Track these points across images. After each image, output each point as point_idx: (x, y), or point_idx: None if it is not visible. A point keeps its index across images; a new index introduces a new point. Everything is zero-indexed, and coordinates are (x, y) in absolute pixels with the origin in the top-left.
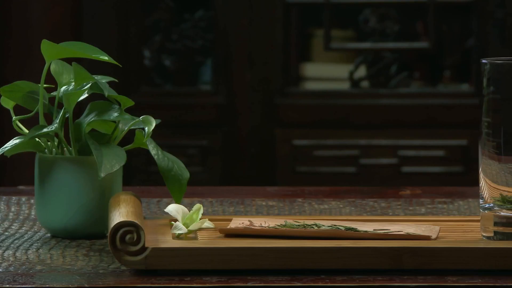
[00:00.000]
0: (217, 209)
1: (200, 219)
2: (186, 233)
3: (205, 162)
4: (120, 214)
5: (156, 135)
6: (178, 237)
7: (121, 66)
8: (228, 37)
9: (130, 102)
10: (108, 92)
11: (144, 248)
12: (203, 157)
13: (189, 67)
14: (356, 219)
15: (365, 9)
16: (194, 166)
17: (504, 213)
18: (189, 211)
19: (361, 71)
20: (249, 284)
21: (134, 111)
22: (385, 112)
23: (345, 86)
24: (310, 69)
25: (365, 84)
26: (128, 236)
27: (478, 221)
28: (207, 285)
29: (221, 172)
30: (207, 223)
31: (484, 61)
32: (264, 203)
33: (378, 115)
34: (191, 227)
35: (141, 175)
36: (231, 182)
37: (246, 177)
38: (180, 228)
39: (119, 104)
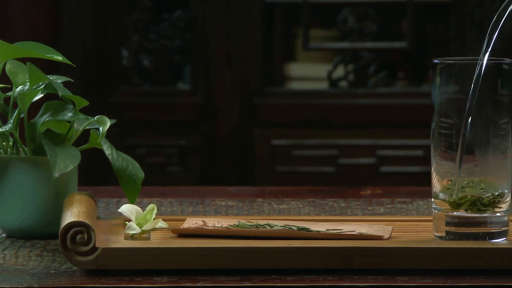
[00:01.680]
0: (176, 209)
1: (154, 219)
2: (139, 233)
3: (184, 162)
4: (71, 214)
5: (134, 135)
6: (132, 237)
7: (75, 66)
8: (207, 36)
9: (84, 102)
10: (63, 92)
11: (94, 248)
12: (182, 157)
13: (167, 67)
14: (310, 219)
15: (344, 8)
16: (172, 166)
17: (456, 213)
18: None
19: (340, 71)
20: (199, 284)
21: (114, 111)
22: (364, 112)
23: (326, 86)
24: (294, 68)
25: (343, 84)
26: (78, 236)
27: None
28: (157, 285)
29: (200, 172)
30: (161, 223)
31: (436, 61)
32: (223, 203)
33: (357, 115)
34: (145, 227)
35: None
36: (209, 182)
37: (225, 177)
38: (134, 228)
39: (74, 104)
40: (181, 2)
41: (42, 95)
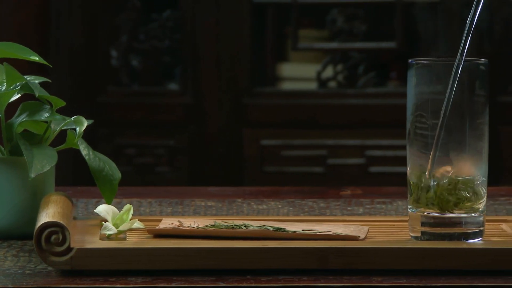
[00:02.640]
0: (155, 209)
1: (131, 219)
2: (116, 234)
3: (173, 162)
4: (47, 215)
5: (123, 135)
6: (108, 237)
7: (51, 66)
8: (196, 37)
9: (61, 103)
10: (39, 92)
11: (69, 249)
12: (171, 157)
13: (156, 67)
14: (287, 219)
15: (333, 9)
16: (161, 166)
17: (431, 213)
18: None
19: (329, 71)
20: (173, 285)
21: (102, 111)
22: (353, 112)
23: (315, 86)
24: (286, 69)
25: (333, 84)
26: (53, 237)
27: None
28: (131, 285)
29: (189, 172)
30: (137, 224)
31: (411, 61)
32: (203, 203)
33: (345, 115)
34: (121, 228)
35: None
36: (198, 182)
37: (214, 177)
38: (110, 228)
39: (51, 105)
40: (170, 2)
41: (19, 95)
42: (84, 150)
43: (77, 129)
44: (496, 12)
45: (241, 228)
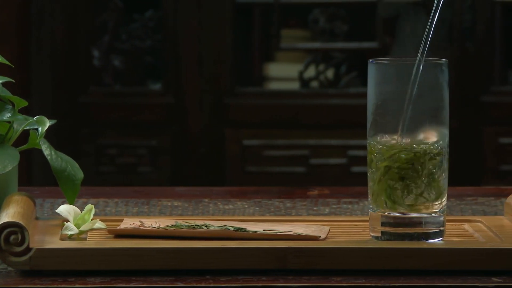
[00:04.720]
0: (121, 209)
1: (92, 219)
2: (77, 234)
3: (155, 162)
4: (6, 215)
5: (105, 135)
6: (70, 238)
7: (13, 66)
8: (178, 37)
9: (23, 103)
10: (1, 92)
11: (28, 249)
12: (153, 157)
13: (138, 67)
14: (249, 219)
15: (315, 9)
16: (143, 166)
17: (392, 213)
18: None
19: (311, 71)
20: (132, 285)
21: (84, 111)
22: (335, 112)
23: (299, 86)
24: (273, 69)
25: (315, 84)
26: (12, 237)
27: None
28: (90, 285)
29: (171, 172)
30: (99, 224)
31: (371, 61)
32: (169, 204)
33: (328, 115)
34: (82, 228)
35: (93, 176)
36: (180, 182)
37: (196, 177)
38: (71, 228)
39: (13, 105)
40: (152, 2)
41: None
42: (46, 150)
43: (39, 129)
44: (479, 12)
45: (202, 228)
